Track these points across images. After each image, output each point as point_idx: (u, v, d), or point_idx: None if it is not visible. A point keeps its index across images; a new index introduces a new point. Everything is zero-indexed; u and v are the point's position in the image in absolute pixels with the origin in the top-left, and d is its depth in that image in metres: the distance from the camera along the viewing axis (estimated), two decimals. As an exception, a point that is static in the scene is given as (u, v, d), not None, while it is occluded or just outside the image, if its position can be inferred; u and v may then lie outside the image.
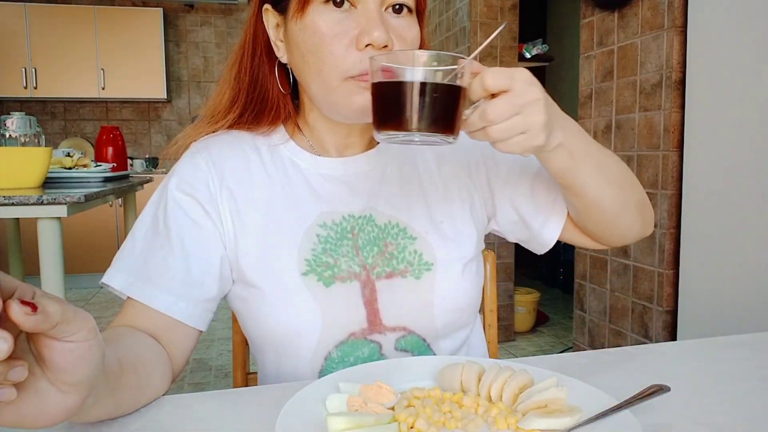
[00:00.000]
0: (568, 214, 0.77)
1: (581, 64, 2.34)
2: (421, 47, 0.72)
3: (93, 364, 0.41)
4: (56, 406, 0.41)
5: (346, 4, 0.64)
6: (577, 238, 0.79)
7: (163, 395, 0.60)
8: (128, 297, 0.66)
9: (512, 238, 0.82)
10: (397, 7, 0.66)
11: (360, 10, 0.64)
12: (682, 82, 1.88)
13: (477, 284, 0.76)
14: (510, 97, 0.51)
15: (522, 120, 0.52)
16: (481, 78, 0.52)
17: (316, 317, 0.67)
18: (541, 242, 0.79)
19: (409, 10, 0.67)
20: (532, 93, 0.52)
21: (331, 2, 0.63)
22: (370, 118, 0.68)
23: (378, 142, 0.78)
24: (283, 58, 0.71)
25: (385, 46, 0.63)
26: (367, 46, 0.63)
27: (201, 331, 0.69)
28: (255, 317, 0.70)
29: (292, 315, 0.67)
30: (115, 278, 0.66)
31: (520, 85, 0.52)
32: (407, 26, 0.67)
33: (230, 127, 0.75)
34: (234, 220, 0.70)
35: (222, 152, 0.73)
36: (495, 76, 0.51)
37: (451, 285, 0.72)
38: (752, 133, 1.63)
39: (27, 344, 0.40)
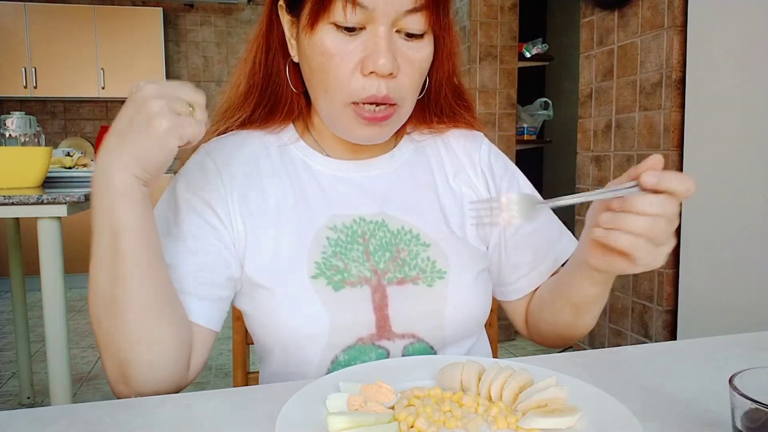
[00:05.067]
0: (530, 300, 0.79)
1: (581, 64, 2.34)
2: (444, 66, 0.71)
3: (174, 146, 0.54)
4: (159, 147, 0.53)
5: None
6: (518, 315, 0.81)
7: (164, 395, 0.60)
8: None
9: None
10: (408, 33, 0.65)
11: (369, 32, 0.63)
12: (682, 82, 1.88)
13: (487, 295, 0.75)
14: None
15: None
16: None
17: (323, 321, 0.66)
18: (504, 292, 0.81)
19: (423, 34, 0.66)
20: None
21: (343, 29, 0.62)
22: (371, 143, 0.69)
23: (393, 146, 0.78)
24: (295, 57, 0.70)
25: (391, 74, 0.63)
26: (371, 73, 0.62)
27: (215, 333, 0.68)
28: (263, 318, 0.69)
29: (300, 318, 0.67)
30: None
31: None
32: (417, 48, 0.65)
33: (242, 124, 0.75)
34: (245, 221, 0.70)
35: (231, 154, 0.72)
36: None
37: (463, 294, 0.71)
38: (752, 132, 1.63)
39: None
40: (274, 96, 0.73)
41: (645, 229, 0.52)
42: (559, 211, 0.81)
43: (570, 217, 2.43)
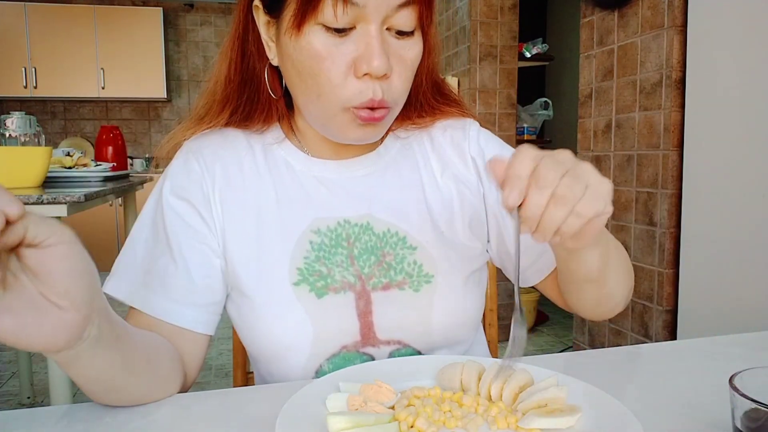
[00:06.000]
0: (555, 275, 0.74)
1: (581, 64, 2.34)
2: (424, 62, 0.68)
3: (76, 267, 0.42)
4: (56, 320, 0.41)
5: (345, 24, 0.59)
6: (552, 294, 0.77)
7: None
8: (131, 307, 0.64)
9: (497, 264, 0.79)
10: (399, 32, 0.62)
11: (359, 31, 0.59)
12: (682, 82, 1.88)
13: (479, 298, 0.73)
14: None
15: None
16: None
17: (306, 330, 0.65)
18: (522, 278, 0.76)
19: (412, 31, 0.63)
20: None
21: (332, 30, 0.59)
22: (364, 142, 0.67)
23: (379, 144, 0.75)
24: (274, 60, 0.67)
25: (385, 75, 0.60)
26: (365, 75, 0.60)
27: (210, 336, 0.67)
28: (246, 326, 0.68)
29: (283, 328, 0.65)
30: (117, 288, 0.65)
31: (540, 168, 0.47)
32: (408, 46, 0.63)
33: (222, 126, 0.72)
34: (226, 224, 0.68)
35: (215, 153, 0.70)
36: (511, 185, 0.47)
37: (452, 300, 0.69)
38: (752, 132, 1.63)
39: (18, 264, 0.41)
40: (251, 102, 0.70)
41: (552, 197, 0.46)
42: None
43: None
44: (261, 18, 0.66)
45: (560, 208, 0.46)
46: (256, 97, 0.70)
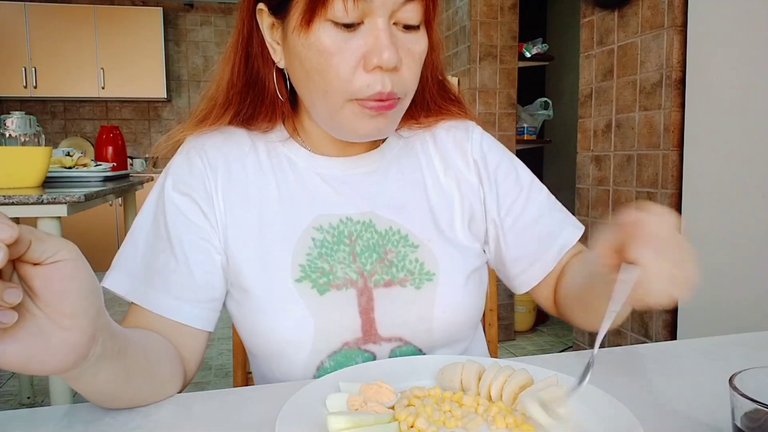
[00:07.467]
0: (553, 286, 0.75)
1: (581, 64, 2.34)
2: (428, 58, 0.69)
3: (84, 286, 0.41)
4: (61, 343, 0.41)
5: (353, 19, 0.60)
6: (541, 300, 0.78)
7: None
8: (132, 302, 0.65)
9: (493, 266, 0.80)
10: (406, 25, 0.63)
11: (367, 26, 0.60)
12: (682, 82, 1.88)
13: (479, 297, 0.73)
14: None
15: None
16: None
17: (308, 326, 0.65)
18: (512, 285, 0.78)
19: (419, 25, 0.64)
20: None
21: (341, 26, 0.59)
22: (375, 138, 0.67)
23: (381, 142, 0.76)
24: (281, 62, 0.67)
25: (395, 67, 0.61)
26: (375, 68, 0.60)
27: (209, 333, 0.68)
28: (247, 322, 0.68)
29: (284, 324, 0.65)
30: (117, 283, 0.65)
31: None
32: (415, 40, 0.63)
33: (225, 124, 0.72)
34: (228, 220, 0.68)
35: (218, 150, 0.71)
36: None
37: (453, 298, 0.69)
38: (752, 132, 1.63)
39: (21, 287, 0.39)
40: (254, 105, 0.71)
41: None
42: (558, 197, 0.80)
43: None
44: (265, 21, 0.66)
45: (667, 284, 0.48)
46: (260, 100, 0.71)
